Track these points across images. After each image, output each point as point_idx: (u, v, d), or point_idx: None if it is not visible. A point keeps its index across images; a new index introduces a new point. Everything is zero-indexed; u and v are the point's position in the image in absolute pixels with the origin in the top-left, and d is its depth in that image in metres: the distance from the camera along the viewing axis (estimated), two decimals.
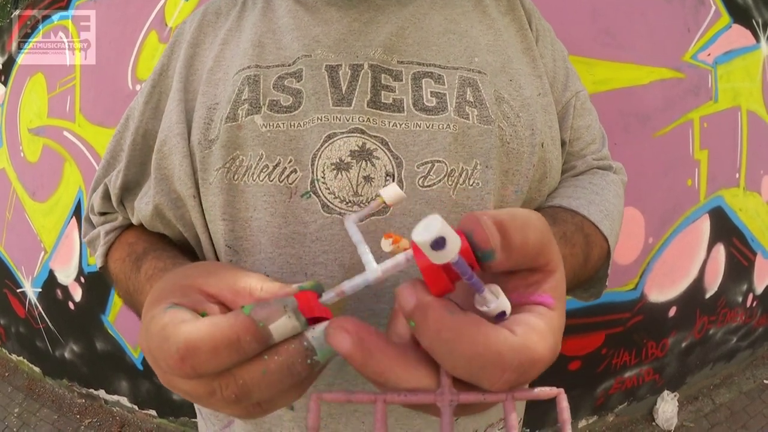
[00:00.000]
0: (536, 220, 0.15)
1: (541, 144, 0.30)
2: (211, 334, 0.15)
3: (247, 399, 0.16)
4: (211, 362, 0.15)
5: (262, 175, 0.26)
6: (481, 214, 0.14)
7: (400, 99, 0.27)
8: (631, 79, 1.00)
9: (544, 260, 0.15)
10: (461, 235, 0.14)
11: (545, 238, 0.15)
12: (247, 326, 0.15)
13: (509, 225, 0.14)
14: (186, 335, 0.15)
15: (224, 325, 0.15)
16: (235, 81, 0.28)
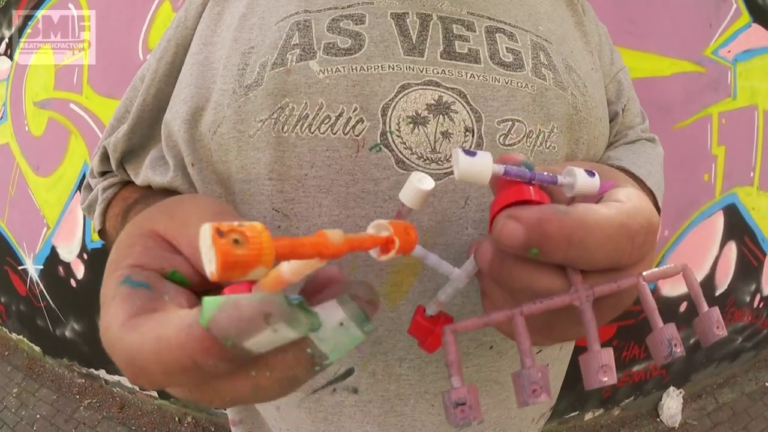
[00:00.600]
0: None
1: (600, 118, 0.29)
2: (156, 353, 0.11)
3: (242, 404, 0.13)
4: (169, 383, 0.11)
5: (323, 127, 0.23)
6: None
7: (475, 50, 0.25)
8: (654, 69, 0.99)
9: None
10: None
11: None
12: (206, 347, 0.10)
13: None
14: (127, 350, 0.11)
15: (173, 344, 0.10)
16: (281, 27, 0.25)
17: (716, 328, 0.14)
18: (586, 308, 0.13)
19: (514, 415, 0.31)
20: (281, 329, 0.10)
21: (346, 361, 0.26)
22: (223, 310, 0.10)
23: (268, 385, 0.11)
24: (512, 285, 0.14)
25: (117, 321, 0.12)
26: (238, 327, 0.10)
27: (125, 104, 0.31)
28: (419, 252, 0.17)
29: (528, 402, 0.13)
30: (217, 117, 0.25)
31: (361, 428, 0.28)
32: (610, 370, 0.13)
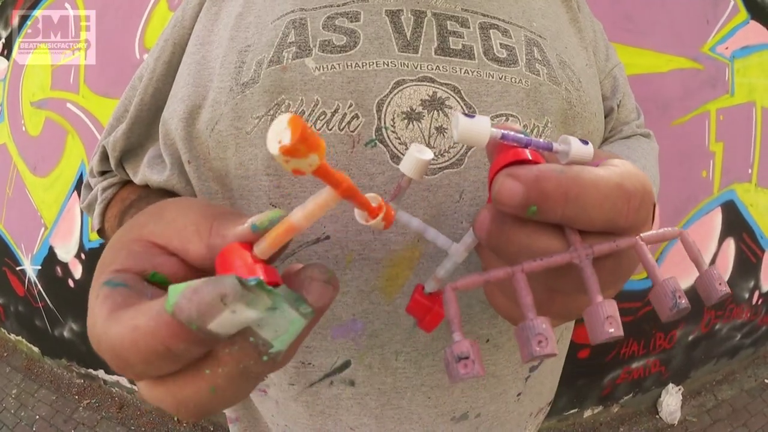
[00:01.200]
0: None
1: (594, 114, 0.29)
2: (134, 343, 0.11)
3: (210, 413, 0.13)
4: (151, 371, 0.12)
5: (319, 123, 0.24)
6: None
7: (469, 46, 0.26)
8: (651, 66, 0.99)
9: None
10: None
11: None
12: (173, 332, 0.11)
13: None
14: (110, 344, 0.12)
15: (146, 331, 0.11)
16: (277, 25, 0.26)
17: (719, 284, 0.14)
18: (585, 265, 0.13)
19: (512, 409, 0.31)
20: (239, 310, 0.10)
21: (342, 354, 0.26)
22: (184, 295, 0.10)
23: (224, 383, 0.12)
24: (511, 248, 0.14)
25: (100, 317, 0.12)
26: (199, 311, 0.10)
27: (124, 104, 0.31)
28: (418, 226, 0.17)
29: (534, 353, 0.12)
30: (214, 114, 0.25)
31: (358, 421, 0.28)
32: (615, 321, 0.12)
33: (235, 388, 0.12)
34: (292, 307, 0.12)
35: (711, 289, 0.14)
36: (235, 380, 0.12)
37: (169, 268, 0.15)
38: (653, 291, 0.13)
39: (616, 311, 0.12)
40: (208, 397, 0.12)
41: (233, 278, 0.10)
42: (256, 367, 0.12)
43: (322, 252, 0.25)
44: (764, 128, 1.17)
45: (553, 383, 0.36)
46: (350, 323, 0.26)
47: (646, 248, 0.14)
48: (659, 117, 1.02)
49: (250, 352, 0.12)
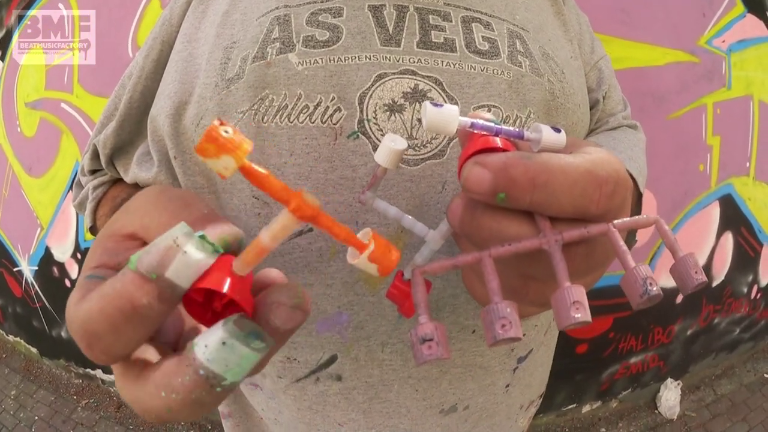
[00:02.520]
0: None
1: (578, 105, 0.29)
2: (101, 309, 0.11)
3: (173, 422, 0.13)
4: (118, 343, 0.12)
5: (302, 117, 0.24)
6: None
7: (451, 39, 0.26)
8: (647, 59, 0.99)
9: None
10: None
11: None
12: (138, 285, 0.11)
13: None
14: (80, 319, 0.12)
15: (113, 294, 0.11)
16: (262, 22, 0.26)
17: (694, 272, 0.14)
18: (554, 250, 0.13)
19: (500, 401, 0.31)
20: (190, 251, 0.11)
21: (328, 349, 0.26)
22: (143, 250, 0.11)
23: (178, 407, 0.12)
24: (482, 235, 0.14)
25: (73, 300, 0.13)
26: (157, 256, 0.11)
27: (114, 102, 0.32)
28: (395, 214, 0.17)
29: (497, 337, 0.12)
30: (200, 110, 0.25)
31: (346, 416, 0.28)
32: (582, 306, 0.12)
33: (189, 411, 0.12)
34: (242, 342, 0.11)
35: (686, 277, 0.14)
36: (189, 406, 0.12)
37: None
38: (624, 277, 0.13)
39: (583, 296, 0.12)
40: (164, 414, 0.12)
41: (182, 224, 0.12)
42: (208, 397, 0.12)
43: (306, 244, 0.25)
44: (762, 122, 1.16)
45: (543, 375, 0.36)
46: (336, 316, 0.26)
47: (617, 235, 0.14)
48: (655, 110, 1.01)
49: (202, 383, 0.12)
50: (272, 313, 0.13)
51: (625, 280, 0.13)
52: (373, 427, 0.28)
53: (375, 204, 0.18)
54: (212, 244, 0.12)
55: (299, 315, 0.13)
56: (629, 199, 0.15)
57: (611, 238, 0.14)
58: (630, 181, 0.15)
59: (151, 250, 0.11)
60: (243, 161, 0.11)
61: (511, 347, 0.29)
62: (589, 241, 0.14)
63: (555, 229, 0.14)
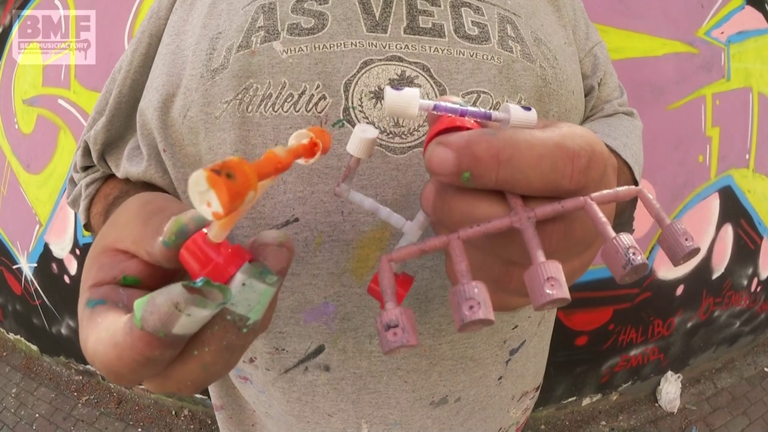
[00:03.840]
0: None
1: (572, 91, 0.29)
2: (119, 358, 0.13)
3: (207, 384, 0.14)
4: (141, 376, 0.13)
5: (286, 106, 0.24)
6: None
7: (440, 24, 0.26)
8: (645, 49, 0.99)
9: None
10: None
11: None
12: (147, 342, 0.12)
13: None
14: (101, 362, 0.13)
15: (125, 346, 0.12)
16: (247, 11, 0.26)
17: (684, 239, 0.13)
18: (526, 227, 0.12)
19: (493, 393, 0.30)
20: (193, 312, 0.12)
21: (316, 339, 0.26)
22: (145, 310, 0.12)
23: (212, 359, 0.13)
24: (453, 218, 0.14)
25: (90, 340, 0.14)
26: (160, 320, 0.12)
27: (104, 96, 0.31)
28: (371, 206, 0.17)
29: (464, 319, 0.11)
30: (186, 101, 0.25)
31: (335, 407, 0.28)
32: (557, 282, 0.11)
33: (224, 360, 0.13)
34: (258, 280, 0.13)
35: (676, 245, 0.13)
36: (222, 354, 0.13)
37: (136, 269, 0.16)
38: (604, 249, 0.12)
39: (559, 272, 0.11)
40: (201, 374, 0.13)
41: (179, 287, 0.12)
42: (238, 340, 0.13)
43: (291, 234, 0.24)
44: (761, 114, 1.16)
45: (537, 366, 0.35)
46: (322, 306, 0.25)
47: (595, 207, 0.13)
48: (654, 101, 1.01)
49: (230, 328, 0.13)
50: (261, 255, 0.14)
51: (605, 251, 0.12)
52: (363, 417, 0.28)
53: (350, 196, 0.17)
54: (216, 287, 0.12)
55: (285, 252, 0.14)
56: (612, 176, 0.15)
57: (588, 210, 0.13)
58: (613, 158, 0.14)
59: (153, 311, 0.12)
60: (257, 186, 0.11)
61: (504, 339, 0.29)
62: (566, 218, 0.13)
63: (528, 206, 0.13)
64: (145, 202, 0.17)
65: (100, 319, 0.14)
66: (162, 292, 0.12)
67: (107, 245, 0.16)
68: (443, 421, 0.29)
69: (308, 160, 0.15)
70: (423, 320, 0.26)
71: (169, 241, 0.14)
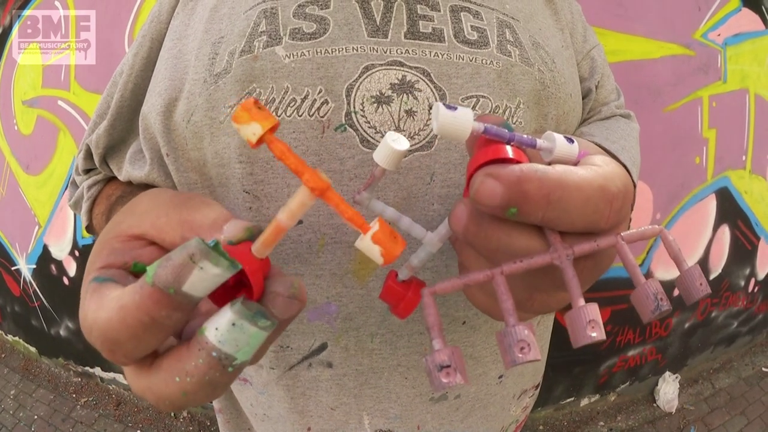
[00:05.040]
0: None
1: (570, 94, 0.29)
2: (122, 320, 0.12)
3: (184, 409, 0.14)
4: (138, 346, 0.13)
5: (289, 110, 0.24)
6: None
7: (440, 29, 0.26)
8: (642, 52, 0.99)
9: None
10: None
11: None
12: (156, 300, 0.12)
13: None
14: (101, 328, 0.13)
15: (132, 306, 0.12)
16: (249, 15, 0.26)
17: (699, 284, 0.14)
18: (566, 266, 0.13)
19: (494, 392, 0.31)
20: (206, 267, 0.11)
21: (319, 337, 0.27)
22: (160, 265, 0.12)
23: (193, 390, 0.13)
24: (489, 246, 0.14)
25: (90, 310, 0.13)
26: (174, 273, 0.11)
27: (106, 100, 0.32)
28: (392, 215, 0.17)
29: (516, 361, 0.12)
30: (190, 106, 0.25)
31: (338, 401, 0.28)
32: (597, 325, 0.12)
33: (205, 393, 0.13)
34: (250, 322, 0.12)
35: (692, 288, 0.14)
36: (203, 387, 0.13)
37: (149, 256, 0.16)
38: (635, 293, 0.13)
39: (598, 314, 0.12)
40: (180, 399, 0.13)
41: (197, 239, 0.12)
42: (221, 377, 0.13)
43: (296, 236, 0.25)
44: (758, 115, 1.17)
45: (536, 365, 0.36)
46: (324, 306, 0.26)
47: (627, 248, 0.13)
48: (651, 103, 1.02)
49: (215, 365, 0.12)
50: (271, 303, 0.13)
51: (636, 295, 0.13)
52: (364, 410, 0.28)
53: (371, 205, 0.17)
54: (228, 260, 0.12)
55: (296, 304, 0.14)
56: (630, 209, 0.16)
57: (620, 251, 0.14)
58: (632, 188, 0.15)
59: (167, 264, 0.12)
60: (267, 130, 0.12)
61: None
62: (596, 254, 0.14)
63: (564, 242, 0.13)
64: (173, 194, 0.17)
65: (107, 292, 0.14)
66: (177, 249, 0.12)
67: (121, 231, 0.16)
68: (443, 417, 0.29)
69: (363, 240, 0.13)
70: (423, 319, 0.26)
71: (236, 240, 0.14)
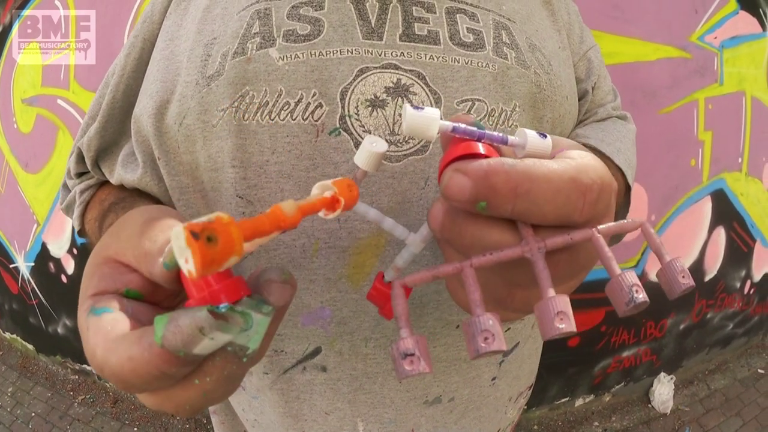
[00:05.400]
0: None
1: (566, 97, 0.29)
2: (133, 371, 0.13)
3: (205, 408, 0.15)
4: (152, 388, 0.13)
5: (283, 114, 0.24)
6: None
7: (435, 31, 0.26)
8: (638, 54, 1.00)
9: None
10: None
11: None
12: (165, 360, 0.12)
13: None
14: (112, 371, 0.13)
15: (141, 361, 0.13)
16: (242, 17, 0.25)
17: (681, 276, 0.13)
18: (537, 259, 0.13)
19: (487, 394, 0.31)
20: (216, 336, 0.12)
21: (313, 341, 0.27)
22: (168, 329, 0.12)
23: (213, 388, 0.14)
24: (463, 241, 0.14)
25: (98, 349, 0.14)
26: (183, 341, 0.12)
27: (97, 101, 0.31)
28: (375, 216, 0.17)
29: (479, 350, 0.12)
30: (182, 109, 0.25)
31: (332, 405, 0.28)
32: (566, 317, 0.12)
33: (224, 389, 0.14)
34: (255, 311, 0.13)
35: (673, 282, 0.13)
36: (222, 383, 0.14)
37: (138, 283, 0.16)
38: (609, 285, 0.13)
39: (568, 306, 0.12)
40: (201, 400, 0.14)
41: (205, 311, 0.12)
42: (238, 369, 0.14)
43: (290, 241, 0.25)
44: (754, 119, 1.17)
45: (531, 367, 0.35)
46: (318, 311, 0.26)
47: (602, 241, 0.13)
48: (646, 105, 1.02)
49: (231, 358, 0.13)
50: (266, 290, 0.14)
51: (610, 287, 0.13)
52: (359, 416, 0.28)
53: (355, 207, 0.17)
54: (239, 312, 0.12)
55: (289, 289, 0.14)
56: (614, 203, 0.15)
57: (596, 244, 0.13)
58: (614, 183, 0.14)
59: (176, 332, 0.12)
60: (242, 251, 0.11)
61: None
62: (572, 247, 0.14)
63: (537, 236, 0.13)
64: (147, 219, 0.17)
65: (109, 328, 0.14)
66: (186, 314, 0.12)
67: (109, 256, 0.16)
68: (437, 419, 0.29)
69: (328, 213, 0.14)
70: (418, 324, 0.26)
71: (171, 263, 0.14)
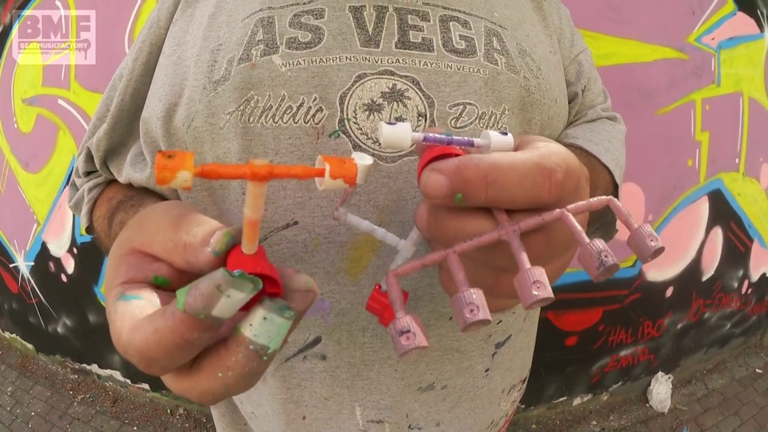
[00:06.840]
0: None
1: (555, 100, 0.30)
2: (157, 342, 0.14)
3: (223, 399, 0.15)
4: (174, 362, 0.14)
5: (286, 117, 0.25)
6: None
7: (429, 39, 0.27)
8: (635, 55, 1.00)
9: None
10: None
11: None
12: (188, 325, 0.13)
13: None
14: (137, 348, 0.14)
15: (166, 330, 0.13)
16: (246, 24, 0.27)
17: (650, 240, 0.14)
18: (513, 239, 0.14)
19: (481, 385, 0.32)
20: (233, 294, 0.13)
21: (313, 331, 0.28)
22: (189, 294, 0.13)
23: (234, 382, 0.15)
24: (447, 235, 0.15)
25: (124, 330, 0.15)
26: (203, 301, 0.13)
27: (105, 103, 0.32)
28: (367, 227, 0.19)
29: (467, 321, 0.13)
30: (190, 112, 0.26)
31: (331, 391, 0.29)
32: (542, 285, 0.13)
33: (244, 383, 0.15)
34: (278, 314, 0.14)
35: (643, 246, 0.14)
36: (243, 378, 0.15)
37: (166, 271, 0.17)
38: (580, 254, 0.14)
39: (543, 276, 0.13)
40: (222, 392, 0.15)
41: (221, 270, 0.13)
42: (259, 367, 0.15)
43: (291, 236, 0.26)
44: (751, 119, 1.17)
45: (524, 360, 0.36)
46: (318, 303, 0.27)
47: (571, 217, 0.15)
48: (643, 106, 1.03)
49: (253, 357, 0.14)
50: (290, 297, 0.15)
51: (581, 255, 0.14)
52: (356, 401, 0.29)
53: (347, 219, 0.19)
54: (249, 278, 0.13)
55: (311, 296, 0.15)
56: (585, 186, 0.17)
57: (566, 221, 0.15)
58: (584, 169, 0.16)
59: (197, 294, 0.13)
60: (194, 168, 0.12)
61: (488, 333, 0.30)
62: (546, 228, 0.15)
63: (512, 219, 0.15)
64: (178, 215, 0.18)
65: (137, 311, 0.15)
66: (203, 278, 0.13)
67: (133, 247, 0.17)
68: (430, 405, 0.30)
69: (322, 185, 0.15)
70: None
71: (220, 250, 0.15)
